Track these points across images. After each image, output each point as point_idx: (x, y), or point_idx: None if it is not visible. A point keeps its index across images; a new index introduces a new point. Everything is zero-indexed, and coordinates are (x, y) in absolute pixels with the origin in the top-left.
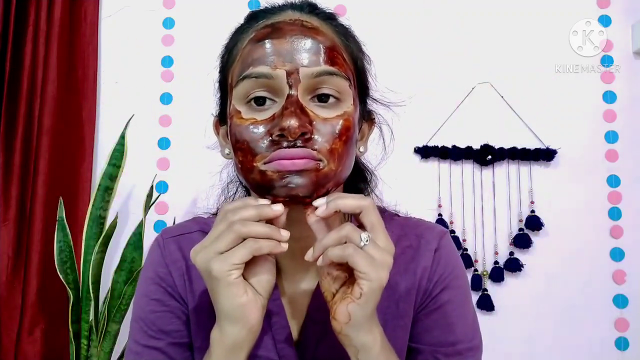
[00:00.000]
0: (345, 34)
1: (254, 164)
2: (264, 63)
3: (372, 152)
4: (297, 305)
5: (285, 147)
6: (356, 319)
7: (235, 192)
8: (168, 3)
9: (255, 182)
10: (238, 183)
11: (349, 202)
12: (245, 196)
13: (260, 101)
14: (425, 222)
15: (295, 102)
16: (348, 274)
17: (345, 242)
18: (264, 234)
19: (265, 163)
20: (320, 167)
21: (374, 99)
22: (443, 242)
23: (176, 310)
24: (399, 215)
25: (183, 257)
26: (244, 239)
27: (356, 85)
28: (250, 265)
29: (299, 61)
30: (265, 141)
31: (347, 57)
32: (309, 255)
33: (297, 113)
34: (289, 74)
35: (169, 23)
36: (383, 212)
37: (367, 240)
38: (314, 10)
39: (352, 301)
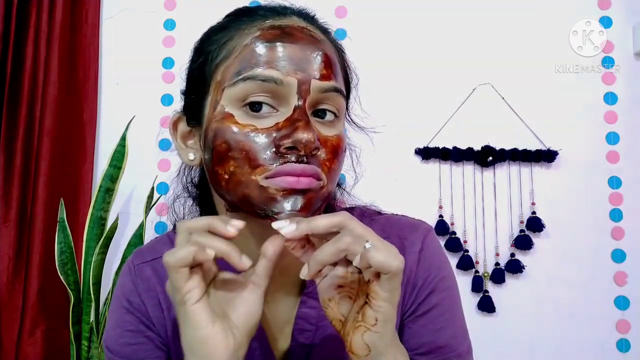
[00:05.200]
0: (340, 50)
1: (252, 177)
2: (273, 67)
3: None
4: (280, 328)
5: (293, 162)
6: (377, 349)
7: (184, 211)
8: (169, 4)
9: (248, 197)
10: (189, 197)
11: (322, 221)
12: (201, 214)
13: (256, 107)
14: (408, 220)
15: (305, 114)
16: (353, 294)
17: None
18: (217, 250)
19: (267, 177)
20: (321, 187)
21: (350, 119)
22: (427, 242)
23: (155, 341)
24: (380, 213)
25: (160, 283)
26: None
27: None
28: (229, 296)
29: (311, 72)
30: (268, 152)
31: (343, 74)
32: (304, 274)
33: (310, 126)
34: (300, 83)
35: (170, 24)
36: (363, 213)
37: (370, 245)
38: (315, 21)
39: (367, 329)
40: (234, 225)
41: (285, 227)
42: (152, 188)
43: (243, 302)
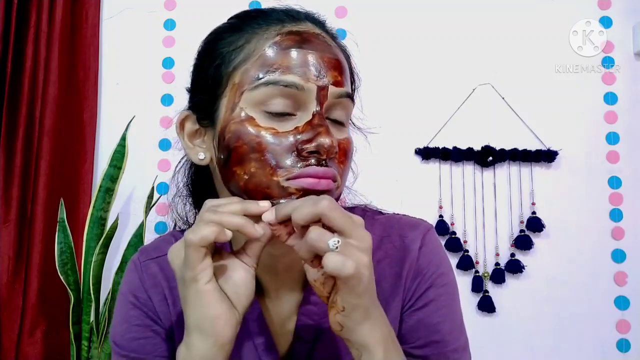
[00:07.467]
0: (348, 55)
1: (274, 178)
2: (294, 72)
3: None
4: (283, 324)
5: (314, 165)
6: (348, 327)
7: (185, 209)
8: (169, 5)
9: (268, 197)
10: (189, 195)
11: (303, 210)
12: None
13: (276, 110)
14: (409, 219)
15: (324, 120)
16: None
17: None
18: (233, 224)
19: (288, 179)
20: (336, 187)
21: (350, 120)
22: (427, 239)
23: (162, 335)
24: (382, 213)
25: (165, 278)
26: None
27: None
28: (227, 276)
29: (328, 78)
30: (291, 155)
31: (350, 78)
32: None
33: (330, 132)
34: (319, 89)
35: (170, 24)
36: (364, 213)
37: (336, 246)
38: (326, 27)
39: (337, 312)
40: (264, 203)
41: (266, 214)
42: (152, 188)
43: (240, 282)
